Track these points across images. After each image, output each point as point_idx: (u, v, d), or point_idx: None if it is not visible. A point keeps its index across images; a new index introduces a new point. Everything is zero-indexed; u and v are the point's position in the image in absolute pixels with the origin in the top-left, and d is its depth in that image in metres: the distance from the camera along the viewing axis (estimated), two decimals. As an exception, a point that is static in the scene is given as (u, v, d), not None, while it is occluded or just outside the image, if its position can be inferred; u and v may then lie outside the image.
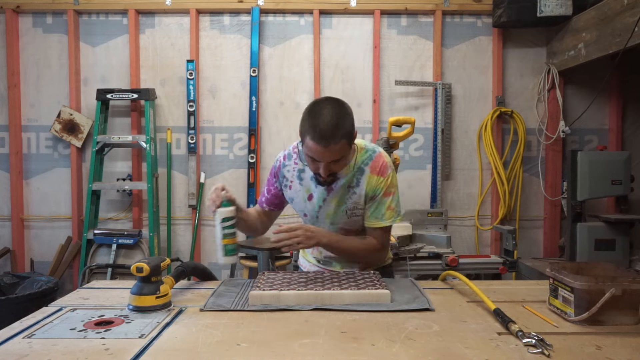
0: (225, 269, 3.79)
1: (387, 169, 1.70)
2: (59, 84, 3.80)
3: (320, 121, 1.51)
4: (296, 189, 1.77)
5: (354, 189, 1.70)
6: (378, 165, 1.69)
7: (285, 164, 1.78)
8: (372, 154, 1.71)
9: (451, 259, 3.06)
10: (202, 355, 1.09)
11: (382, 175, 1.69)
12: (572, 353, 1.10)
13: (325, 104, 1.57)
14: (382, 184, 1.69)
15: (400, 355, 1.08)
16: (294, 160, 1.77)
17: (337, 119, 1.53)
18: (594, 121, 3.81)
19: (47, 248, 3.83)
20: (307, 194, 1.75)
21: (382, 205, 1.70)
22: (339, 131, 1.52)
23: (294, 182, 1.77)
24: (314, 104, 1.60)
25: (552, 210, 3.79)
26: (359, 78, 3.82)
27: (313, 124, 1.52)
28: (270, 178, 1.82)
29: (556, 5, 3.36)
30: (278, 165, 1.79)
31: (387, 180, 1.69)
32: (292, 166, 1.77)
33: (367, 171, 1.69)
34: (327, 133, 1.50)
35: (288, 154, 1.79)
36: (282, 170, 1.78)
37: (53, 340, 1.17)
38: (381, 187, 1.69)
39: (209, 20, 3.82)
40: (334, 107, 1.56)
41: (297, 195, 1.77)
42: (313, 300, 1.43)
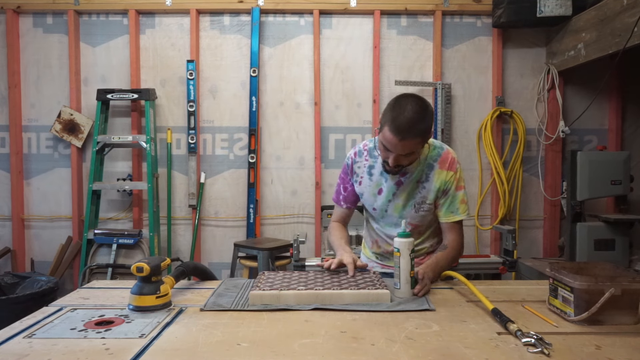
0: (225, 269, 3.79)
1: (456, 164, 1.75)
2: (60, 84, 3.80)
3: (401, 114, 1.55)
4: (366, 184, 1.82)
5: (424, 184, 1.75)
6: (447, 161, 1.74)
7: (356, 161, 1.84)
8: (440, 150, 1.76)
9: (451, 259, 3.06)
10: (202, 355, 1.09)
11: (452, 170, 1.74)
12: (571, 353, 1.10)
13: (410, 99, 1.59)
14: (452, 178, 1.73)
15: (400, 355, 1.08)
16: (364, 157, 1.83)
17: (417, 115, 1.56)
18: (593, 121, 3.81)
19: (47, 248, 3.83)
20: (377, 188, 1.80)
21: (456, 199, 1.75)
22: (417, 128, 1.56)
23: (364, 177, 1.83)
24: (400, 97, 1.62)
25: (551, 210, 3.80)
26: (359, 78, 3.82)
27: (394, 115, 1.56)
28: (345, 177, 1.88)
29: (556, 6, 3.37)
30: (350, 163, 1.85)
31: (456, 174, 1.74)
32: (362, 162, 1.83)
33: (437, 167, 1.74)
34: (405, 127, 1.54)
35: (359, 150, 1.85)
36: (354, 167, 1.84)
37: (53, 340, 1.17)
38: (452, 182, 1.74)
39: (209, 21, 3.82)
40: (418, 104, 1.58)
41: (367, 190, 1.82)
42: (313, 300, 1.43)
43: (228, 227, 3.87)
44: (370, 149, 1.83)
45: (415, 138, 1.57)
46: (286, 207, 3.85)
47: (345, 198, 1.90)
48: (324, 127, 3.83)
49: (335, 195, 1.94)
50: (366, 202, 1.86)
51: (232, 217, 3.86)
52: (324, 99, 3.82)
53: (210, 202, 3.86)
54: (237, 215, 3.86)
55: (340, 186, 1.91)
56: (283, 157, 3.84)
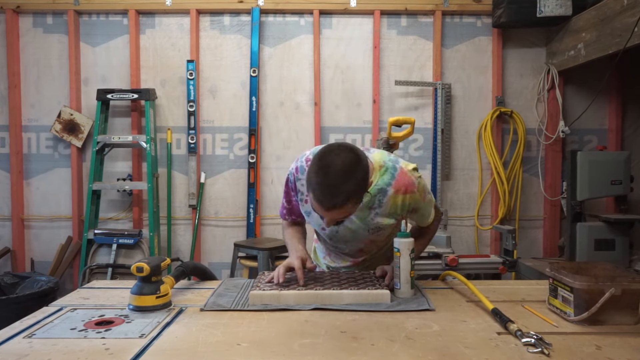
0: (225, 268, 3.79)
1: (414, 183, 1.56)
2: (60, 84, 3.80)
3: (324, 181, 1.36)
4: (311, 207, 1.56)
5: (376, 210, 1.58)
6: (403, 185, 1.54)
7: (298, 178, 1.64)
8: (394, 172, 1.55)
9: (451, 259, 3.07)
10: (202, 355, 1.09)
11: (411, 192, 1.56)
12: (571, 353, 1.10)
13: (334, 157, 1.38)
14: (415, 197, 1.57)
15: (400, 355, 1.08)
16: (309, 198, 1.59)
17: (343, 178, 1.36)
18: (593, 121, 3.81)
19: (47, 248, 3.83)
20: None
21: (427, 207, 1.64)
22: (344, 193, 1.36)
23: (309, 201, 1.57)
24: (323, 154, 1.41)
25: (551, 210, 3.79)
26: (359, 78, 3.82)
27: (318, 182, 1.37)
28: (288, 191, 1.70)
29: (556, 6, 3.37)
30: (293, 180, 1.67)
31: (419, 192, 1.57)
32: (304, 181, 1.58)
33: (391, 192, 1.55)
34: (330, 195, 1.36)
35: (300, 166, 1.64)
36: (297, 184, 1.66)
37: (53, 340, 1.17)
38: (417, 199, 1.58)
39: (209, 21, 3.82)
40: (344, 162, 1.37)
41: (313, 214, 1.63)
42: (313, 300, 1.43)
43: (228, 227, 3.87)
44: None
45: (345, 204, 1.38)
46: (286, 207, 3.85)
47: (289, 211, 1.74)
48: (324, 127, 3.83)
49: (280, 208, 1.78)
50: (313, 224, 1.69)
51: (232, 217, 3.86)
52: (324, 99, 3.82)
53: (210, 202, 3.86)
54: (237, 215, 3.86)
55: (284, 200, 1.74)
56: (283, 157, 3.84)
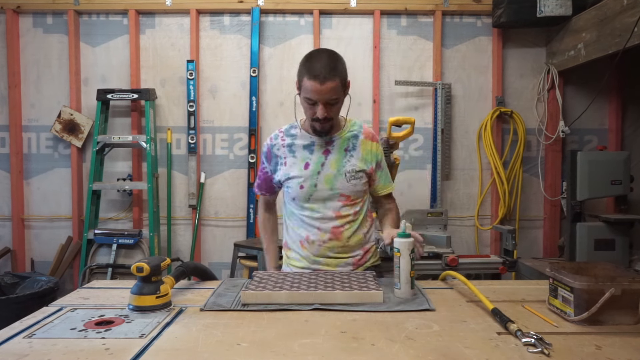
0: (225, 268, 3.79)
1: (376, 136, 1.89)
2: (60, 84, 3.80)
3: (316, 62, 1.65)
4: (291, 162, 1.81)
5: (351, 152, 1.80)
6: (370, 133, 1.86)
7: (273, 144, 1.85)
8: (361, 124, 1.89)
9: (451, 259, 3.06)
10: (202, 355, 1.09)
11: (376, 141, 1.86)
12: (571, 353, 1.10)
13: (321, 50, 1.73)
14: (379, 149, 1.86)
15: (400, 355, 1.08)
16: (281, 139, 1.85)
17: (332, 61, 1.66)
18: (593, 121, 3.81)
19: (47, 248, 3.83)
20: (303, 162, 1.79)
21: (385, 169, 1.89)
22: (335, 69, 1.66)
23: (287, 157, 1.82)
24: (311, 52, 1.73)
25: (551, 210, 3.80)
26: (359, 78, 3.82)
27: (309, 66, 1.65)
28: (261, 164, 1.91)
29: (556, 6, 3.37)
30: (268, 149, 1.86)
31: (379, 147, 1.86)
32: (280, 143, 1.84)
33: (361, 136, 1.83)
34: (323, 71, 1.63)
35: (274, 135, 1.87)
36: (272, 150, 1.85)
37: (53, 340, 1.17)
38: (380, 152, 1.86)
39: (209, 21, 3.82)
40: (330, 53, 1.70)
41: (293, 168, 1.79)
42: (305, 299, 1.43)
43: (228, 227, 3.87)
44: (286, 129, 1.86)
45: (335, 79, 1.65)
46: (286, 207, 3.85)
47: (259, 185, 1.93)
48: (324, 127, 3.82)
49: (256, 184, 1.97)
50: (293, 182, 1.78)
51: (232, 217, 3.86)
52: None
53: (210, 202, 3.86)
54: (237, 215, 3.86)
55: (260, 172, 1.93)
56: (283, 157, 3.84)
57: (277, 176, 1.85)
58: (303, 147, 1.81)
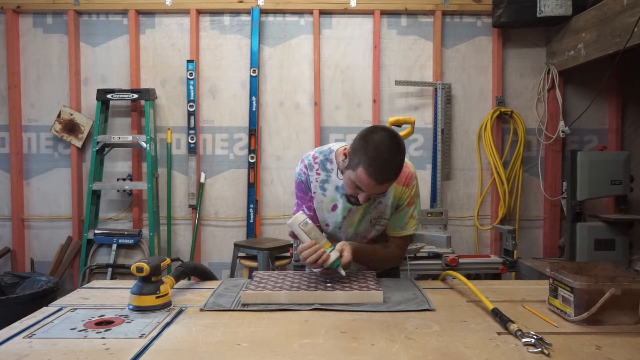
0: (225, 268, 3.79)
1: (412, 180, 1.69)
2: (60, 84, 3.80)
3: (379, 157, 1.44)
4: (319, 199, 1.74)
5: (380, 199, 1.68)
6: (404, 176, 1.67)
7: (309, 175, 1.74)
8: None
9: (451, 259, 3.07)
10: (202, 355, 1.09)
11: (408, 186, 1.68)
12: (571, 353, 1.10)
13: (384, 137, 1.47)
14: (406, 194, 1.69)
15: (400, 355, 1.08)
16: (316, 171, 1.73)
17: (396, 157, 1.47)
18: (593, 121, 3.81)
19: (47, 248, 3.83)
20: (332, 204, 1.72)
21: (406, 215, 1.72)
22: (397, 169, 1.49)
23: (317, 192, 1.74)
24: (372, 133, 1.49)
25: (551, 210, 3.79)
26: (359, 78, 3.82)
27: (371, 157, 1.44)
28: (303, 195, 1.76)
29: (556, 6, 3.37)
30: (305, 179, 1.74)
31: (411, 191, 1.69)
32: (314, 177, 1.73)
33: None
34: (385, 172, 1.46)
35: (309, 164, 1.74)
36: (309, 179, 1.74)
37: (53, 340, 1.17)
38: (405, 197, 1.69)
39: (209, 21, 3.82)
40: (393, 142, 1.46)
41: (320, 206, 1.74)
42: (305, 299, 1.43)
43: (228, 227, 3.87)
44: (322, 161, 1.72)
45: (394, 180, 1.52)
46: (286, 207, 3.85)
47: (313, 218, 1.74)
48: (324, 127, 3.83)
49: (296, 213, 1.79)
50: (319, 217, 1.77)
51: (232, 217, 3.86)
52: (324, 99, 3.82)
53: (210, 202, 3.86)
54: (237, 215, 3.86)
55: (302, 206, 1.76)
56: (283, 157, 3.84)
57: None
58: (335, 188, 1.71)
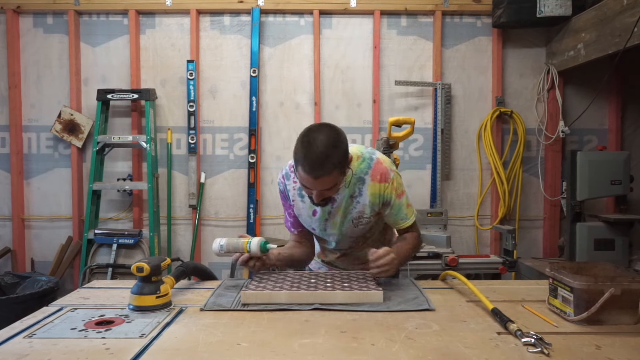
0: (225, 268, 3.79)
1: (389, 173, 1.68)
2: (60, 84, 3.80)
3: (311, 151, 1.48)
4: (299, 207, 1.76)
5: (357, 199, 1.69)
6: (378, 173, 1.67)
7: (285, 184, 1.78)
8: (370, 162, 1.69)
9: (451, 259, 3.07)
10: (202, 355, 1.09)
11: (386, 181, 1.67)
12: (571, 353, 1.10)
13: (318, 132, 1.52)
14: (388, 188, 1.67)
15: (400, 355, 1.09)
16: (292, 180, 1.76)
17: (328, 149, 1.48)
18: (593, 121, 3.81)
19: (47, 248, 3.83)
20: (311, 210, 1.74)
21: (402, 207, 1.71)
22: (330, 162, 1.49)
23: (296, 200, 1.76)
24: (307, 131, 1.54)
25: (551, 210, 3.80)
26: (359, 78, 3.82)
27: (304, 153, 1.49)
28: (285, 202, 1.81)
29: (556, 6, 3.37)
30: (283, 188, 1.79)
31: (393, 184, 1.67)
32: (291, 185, 1.76)
33: (368, 180, 1.67)
34: (317, 164, 1.47)
35: (286, 173, 1.78)
36: (286, 189, 1.78)
37: (54, 340, 1.17)
38: (390, 192, 1.67)
39: (209, 21, 3.82)
40: (327, 135, 1.51)
41: (302, 213, 1.77)
42: (305, 299, 1.44)
43: (228, 227, 3.87)
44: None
45: (332, 172, 1.50)
46: (286, 207, 3.85)
47: (293, 224, 1.82)
48: (324, 127, 3.82)
49: (285, 222, 1.86)
50: (304, 224, 1.81)
51: (232, 217, 3.86)
52: (324, 99, 3.82)
53: (210, 202, 3.86)
54: (237, 215, 3.86)
55: (286, 212, 1.82)
56: (283, 157, 3.84)
57: None
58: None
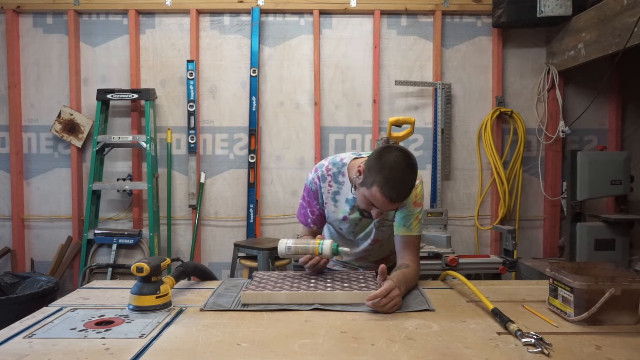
0: (225, 269, 3.79)
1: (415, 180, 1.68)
2: (59, 84, 3.80)
3: (394, 177, 1.48)
4: (330, 210, 1.80)
5: None
6: None
7: (321, 186, 1.79)
8: None
9: (451, 259, 3.07)
10: (202, 355, 1.09)
11: None
12: (571, 353, 1.10)
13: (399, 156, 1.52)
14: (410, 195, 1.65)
15: (400, 355, 1.08)
16: (328, 183, 1.78)
17: (410, 177, 1.52)
18: (593, 121, 3.81)
19: (47, 248, 3.83)
20: (342, 214, 1.78)
21: (411, 216, 1.70)
22: (410, 190, 1.53)
23: (328, 203, 1.80)
24: (387, 153, 1.53)
25: (551, 210, 3.79)
26: (359, 78, 3.82)
27: (386, 177, 1.48)
28: (311, 200, 1.82)
29: (556, 6, 3.37)
30: (315, 188, 1.80)
31: (415, 190, 1.67)
32: (326, 188, 1.78)
33: None
34: (400, 192, 1.50)
35: (322, 175, 1.79)
36: (320, 190, 1.80)
37: (53, 340, 1.17)
38: (411, 197, 1.67)
39: (209, 21, 3.82)
40: (407, 162, 1.52)
41: (332, 215, 1.81)
42: (305, 299, 1.44)
43: (228, 227, 3.87)
44: (334, 173, 1.77)
45: (406, 198, 1.55)
46: (286, 207, 3.85)
47: (314, 221, 1.85)
48: (324, 127, 3.83)
49: (302, 217, 1.87)
50: (333, 224, 1.86)
51: (232, 217, 3.86)
52: (324, 99, 3.82)
53: (210, 202, 3.86)
54: (237, 215, 3.86)
55: (306, 209, 1.84)
56: (283, 157, 3.84)
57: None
58: (346, 200, 1.77)
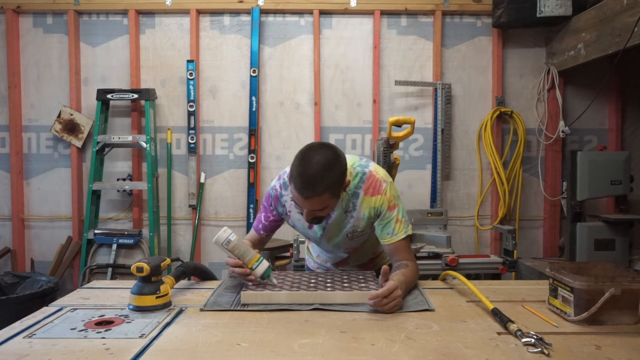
0: (225, 269, 3.79)
1: (382, 185, 1.65)
2: (60, 84, 3.80)
3: (305, 171, 1.47)
4: (295, 218, 1.75)
5: (351, 213, 1.68)
6: (371, 186, 1.65)
7: (282, 194, 1.74)
8: (363, 175, 1.66)
9: (451, 259, 3.07)
10: (202, 355, 1.09)
11: (379, 193, 1.64)
12: (571, 353, 1.10)
13: (315, 152, 1.50)
14: (380, 200, 1.64)
15: (400, 355, 1.09)
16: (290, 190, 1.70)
17: (322, 170, 1.47)
18: (593, 121, 3.81)
19: (47, 248, 3.83)
20: (307, 223, 1.71)
21: (391, 221, 1.65)
22: (322, 184, 1.47)
23: (292, 211, 1.75)
24: (306, 149, 1.53)
25: (551, 210, 3.79)
26: (359, 78, 3.82)
27: (299, 172, 1.48)
28: (267, 206, 1.78)
29: (556, 6, 3.37)
30: (275, 195, 1.75)
31: (385, 195, 1.64)
32: (289, 196, 1.71)
33: (361, 194, 1.65)
34: (309, 185, 1.46)
35: (284, 183, 1.74)
36: (280, 199, 1.75)
37: (53, 340, 1.17)
38: (381, 204, 1.64)
39: (209, 21, 3.82)
40: (324, 156, 1.49)
41: (298, 224, 1.78)
42: (305, 299, 1.44)
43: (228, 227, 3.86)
44: None
45: (323, 194, 1.48)
46: (286, 207, 3.85)
47: (265, 227, 1.80)
48: (324, 127, 3.83)
49: (255, 222, 1.83)
50: (301, 233, 1.82)
51: (232, 217, 3.86)
52: (324, 99, 3.82)
53: (210, 202, 3.86)
54: (237, 215, 3.86)
55: (261, 214, 1.80)
56: (283, 157, 3.84)
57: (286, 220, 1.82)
58: None
